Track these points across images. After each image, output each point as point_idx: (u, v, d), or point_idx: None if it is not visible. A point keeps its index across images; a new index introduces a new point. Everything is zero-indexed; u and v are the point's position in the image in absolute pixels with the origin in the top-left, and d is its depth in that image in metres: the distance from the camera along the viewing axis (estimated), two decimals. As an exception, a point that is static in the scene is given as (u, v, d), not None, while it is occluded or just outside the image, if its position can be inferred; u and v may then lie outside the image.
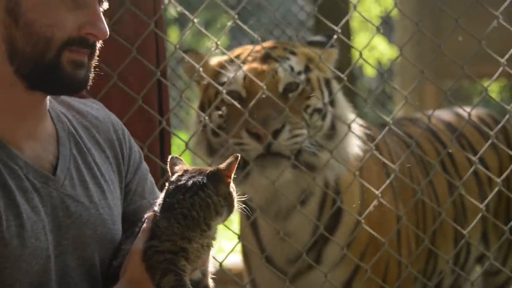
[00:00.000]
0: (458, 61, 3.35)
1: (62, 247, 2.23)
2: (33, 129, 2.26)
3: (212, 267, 2.30)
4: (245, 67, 3.32)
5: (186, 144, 3.06)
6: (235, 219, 3.83)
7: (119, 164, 2.40)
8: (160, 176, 2.97)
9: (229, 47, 4.01)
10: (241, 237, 3.62)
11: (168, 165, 2.30)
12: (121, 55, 2.92)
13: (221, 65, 3.38)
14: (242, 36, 10.84)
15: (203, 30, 3.13)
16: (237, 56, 3.44)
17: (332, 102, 3.45)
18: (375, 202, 3.29)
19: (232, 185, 2.26)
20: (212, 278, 2.29)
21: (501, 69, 3.29)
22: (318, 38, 3.55)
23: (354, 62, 3.53)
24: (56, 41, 2.17)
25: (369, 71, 8.80)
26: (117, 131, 2.43)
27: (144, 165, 2.48)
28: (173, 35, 9.77)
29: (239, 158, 2.24)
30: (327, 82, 3.47)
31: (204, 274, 2.28)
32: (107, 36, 2.22)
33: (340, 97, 3.49)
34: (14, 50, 2.18)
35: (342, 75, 3.30)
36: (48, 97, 2.30)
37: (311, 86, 3.42)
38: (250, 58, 3.35)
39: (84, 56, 2.21)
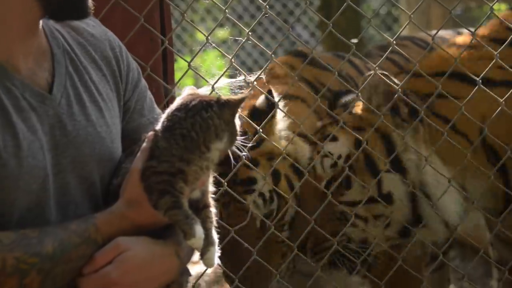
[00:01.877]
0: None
1: (60, 165, 2.22)
2: (29, 47, 2.22)
3: (212, 186, 2.28)
4: None
5: (189, 64, 3.03)
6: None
7: (117, 82, 2.37)
8: (164, 96, 2.93)
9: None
10: None
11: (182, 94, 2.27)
12: None
13: None
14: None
15: None
16: None
17: None
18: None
19: (237, 120, 2.23)
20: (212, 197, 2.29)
21: None
22: None
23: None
24: None
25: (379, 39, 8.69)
26: (114, 48, 2.39)
27: (143, 82, 2.45)
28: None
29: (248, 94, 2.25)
30: None
31: (204, 193, 2.27)
32: None
33: None
34: None
35: (348, 44, 3.13)
36: None
37: None
38: None
39: None
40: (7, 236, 2.11)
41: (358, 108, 3.26)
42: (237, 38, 3.18)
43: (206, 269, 2.45)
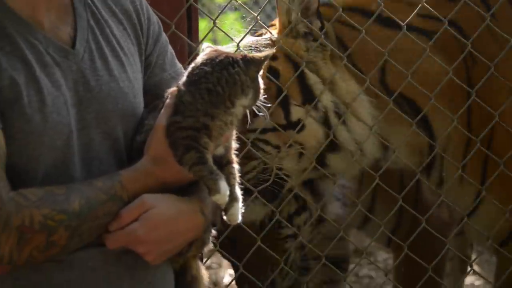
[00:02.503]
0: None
1: (85, 121, 2.21)
2: (52, 1, 2.20)
3: (235, 143, 2.28)
4: None
5: (214, 22, 3.02)
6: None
7: (137, 36, 2.34)
8: (188, 54, 2.91)
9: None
10: None
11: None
12: None
13: None
14: None
15: None
16: None
17: None
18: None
19: (260, 78, 2.23)
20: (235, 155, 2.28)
21: None
22: None
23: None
24: None
25: None
26: (134, 1, 2.36)
27: (164, 36, 2.42)
28: None
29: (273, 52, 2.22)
30: None
31: (227, 149, 2.26)
32: None
33: None
34: None
35: None
36: None
37: None
38: None
39: None
40: (34, 193, 2.11)
41: (274, 30, 3.19)
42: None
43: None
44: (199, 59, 2.22)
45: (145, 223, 2.18)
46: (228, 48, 2.95)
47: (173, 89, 2.23)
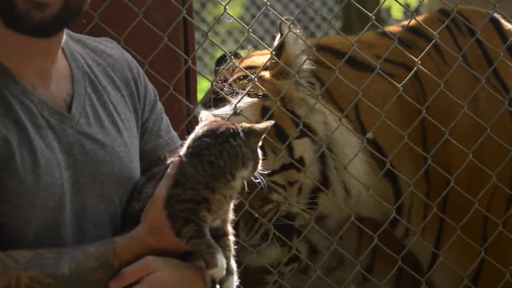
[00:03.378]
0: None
1: (80, 184, 2.21)
2: (43, 68, 2.22)
3: (232, 215, 2.28)
4: None
5: (212, 83, 3.05)
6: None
7: (134, 103, 2.36)
8: (186, 116, 2.94)
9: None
10: None
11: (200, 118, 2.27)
12: None
13: None
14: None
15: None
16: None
17: None
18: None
19: (259, 149, 2.23)
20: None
21: None
22: None
23: (382, 2, 3.44)
24: None
25: (397, 14, 8.73)
26: (132, 69, 2.38)
27: (159, 104, 2.44)
28: None
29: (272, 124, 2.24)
30: None
31: (224, 221, 2.26)
32: None
33: None
34: None
35: (370, 14, 3.17)
36: (64, 36, 2.25)
37: None
38: None
39: None
40: (23, 255, 2.10)
41: (266, 73, 3.22)
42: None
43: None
44: (200, 130, 2.22)
45: (148, 286, 2.17)
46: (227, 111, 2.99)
47: (175, 159, 2.24)
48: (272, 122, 2.25)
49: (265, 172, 2.27)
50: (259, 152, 2.22)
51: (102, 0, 2.84)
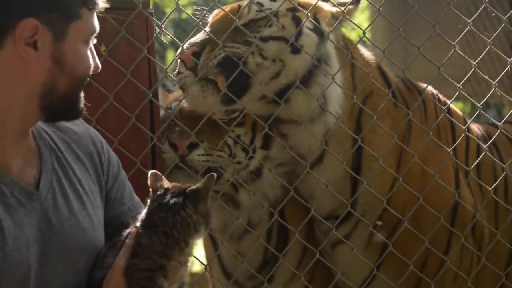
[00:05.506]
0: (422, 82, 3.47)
1: (48, 255, 2.28)
2: (21, 148, 2.31)
3: (187, 279, 2.35)
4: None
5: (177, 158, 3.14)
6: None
7: (98, 175, 2.45)
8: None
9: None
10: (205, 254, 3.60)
11: (149, 181, 2.34)
12: (116, 78, 3.00)
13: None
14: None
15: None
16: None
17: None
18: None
19: (208, 203, 2.30)
20: None
21: (457, 92, 3.43)
22: None
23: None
24: (84, 81, 2.32)
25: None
26: (95, 144, 2.48)
27: (123, 173, 2.53)
28: (170, 57, 9.93)
29: (215, 177, 2.29)
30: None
31: (181, 286, 2.34)
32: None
33: None
34: (52, 90, 2.27)
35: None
36: None
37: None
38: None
39: None
40: None
41: None
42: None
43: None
44: (154, 202, 2.31)
45: None
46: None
47: (133, 229, 2.32)
48: (214, 174, 2.29)
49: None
50: (210, 209, 2.30)
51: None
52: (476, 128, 3.68)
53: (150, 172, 2.37)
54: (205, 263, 3.42)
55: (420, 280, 3.36)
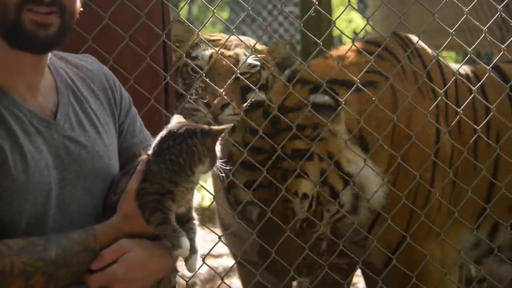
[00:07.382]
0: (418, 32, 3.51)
1: (67, 180, 2.37)
2: (33, 82, 2.36)
3: (195, 203, 2.43)
4: (213, 50, 3.41)
5: (188, 96, 3.25)
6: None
7: (112, 108, 2.52)
8: (165, 123, 2.84)
9: (229, 20, 4.06)
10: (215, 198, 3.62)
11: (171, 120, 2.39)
12: (132, 20, 3.04)
13: (196, 43, 3.53)
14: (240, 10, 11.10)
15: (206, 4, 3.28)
16: (214, 40, 3.57)
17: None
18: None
19: (218, 146, 2.36)
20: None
21: (450, 38, 3.49)
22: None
23: (329, 30, 3.66)
24: (10, 3, 2.27)
25: (347, 40, 9.03)
26: (109, 80, 2.54)
27: (134, 108, 2.60)
28: (181, 5, 9.90)
29: (231, 126, 2.37)
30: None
31: (188, 209, 2.42)
32: None
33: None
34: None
35: (318, 41, 3.34)
36: (49, 55, 2.39)
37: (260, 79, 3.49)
38: (221, 43, 3.46)
39: (45, 17, 2.29)
40: (16, 243, 2.25)
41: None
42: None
43: (200, 266, 2.61)
44: (164, 131, 2.38)
45: (124, 265, 2.35)
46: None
47: (144, 156, 2.40)
48: (231, 125, 2.37)
49: (227, 168, 2.41)
50: (217, 149, 2.36)
51: (95, 26, 3.00)
52: (462, 69, 3.77)
53: (174, 116, 2.44)
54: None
55: (412, 212, 3.52)
